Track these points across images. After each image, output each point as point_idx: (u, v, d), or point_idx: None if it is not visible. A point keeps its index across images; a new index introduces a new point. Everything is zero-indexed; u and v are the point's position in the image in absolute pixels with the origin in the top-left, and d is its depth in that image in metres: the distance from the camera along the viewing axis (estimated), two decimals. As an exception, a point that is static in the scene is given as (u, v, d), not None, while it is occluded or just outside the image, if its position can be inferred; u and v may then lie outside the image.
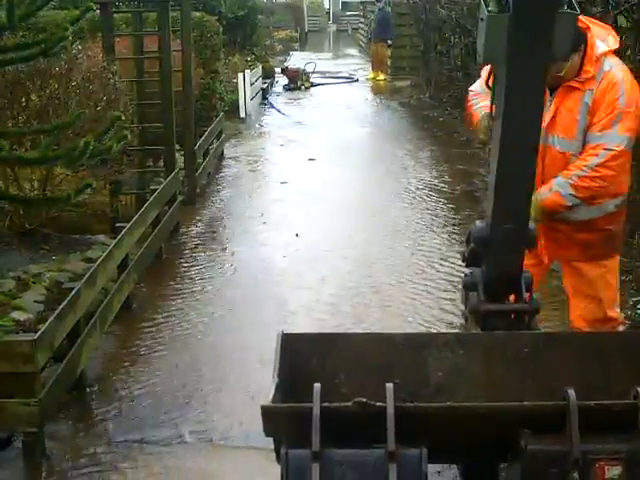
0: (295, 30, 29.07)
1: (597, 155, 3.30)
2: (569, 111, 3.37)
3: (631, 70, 5.74)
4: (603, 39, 3.42)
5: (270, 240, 6.97)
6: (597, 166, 3.31)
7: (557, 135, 3.41)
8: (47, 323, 3.79)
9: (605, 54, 3.36)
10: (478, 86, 3.73)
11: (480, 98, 3.64)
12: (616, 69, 3.36)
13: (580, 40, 3.28)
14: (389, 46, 18.17)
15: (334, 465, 2.22)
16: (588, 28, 3.39)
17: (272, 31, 25.29)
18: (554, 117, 3.40)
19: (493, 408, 2.33)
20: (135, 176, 7.51)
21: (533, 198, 3.16)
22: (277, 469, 2.31)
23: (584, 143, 3.36)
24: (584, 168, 3.33)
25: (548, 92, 3.35)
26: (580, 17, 3.32)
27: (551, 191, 3.39)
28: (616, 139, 3.30)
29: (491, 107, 2.70)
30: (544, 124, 3.33)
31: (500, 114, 2.55)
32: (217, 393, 4.30)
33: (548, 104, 3.36)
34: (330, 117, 13.63)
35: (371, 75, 18.52)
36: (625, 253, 5.84)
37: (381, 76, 18.15)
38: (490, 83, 2.69)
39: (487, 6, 2.45)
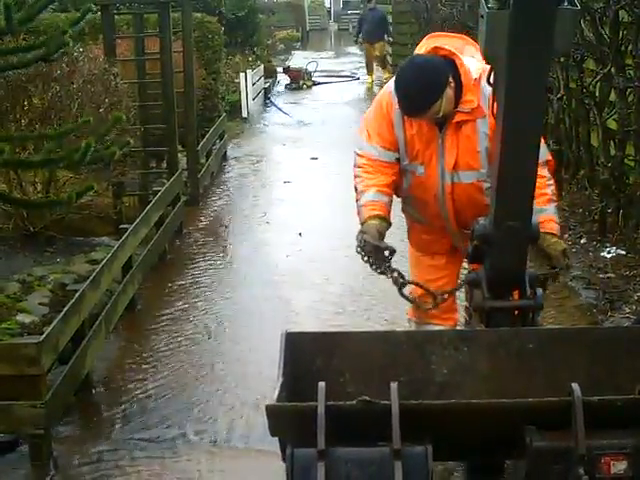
0: (296, 29, 29.08)
1: (545, 167, 3.17)
2: (468, 147, 3.18)
3: (634, 65, 5.75)
4: (470, 54, 3.21)
5: (274, 240, 6.97)
6: (549, 173, 3.23)
7: (462, 171, 3.21)
8: (52, 325, 3.80)
9: (480, 75, 3.11)
10: (374, 152, 3.28)
11: (367, 178, 3.27)
12: None
13: (446, 75, 3.07)
14: (389, 42, 17.88)
15: (339, 464, 2.23)
16: (453, 54, 3.16)
17: (273, 31, 25.30)
18: (455, 158, 3.20)
19: (498, 405, 2.33)
20: (138, 177, 7.52)
21: (560, 246, 3.10)
22: (282, 469, 2.31)
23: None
24: (548, 182, 3.21)
25: (437, 129, 3.20)
26: (439, 45, 3.16)
27: (557, 222, 3.22)
28: (542, 150, 3.06)
29: (492, 104, 2.69)
30: (445, 165, 3.20)
31: (501, 111, 2.54)
32: (222, 393, 4.30)
33: (439, 141, 3.19)
34: (332, 116, 13.63)
35: (370, 80, 17.48)
36: (629, 248, 5.84)
37: (386, 74, 17.48)
38: (491, 80, 2.68)
39: (487, 3, 2.44)
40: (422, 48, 3.29)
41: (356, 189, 3.34)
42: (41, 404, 3.56)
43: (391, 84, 3.26)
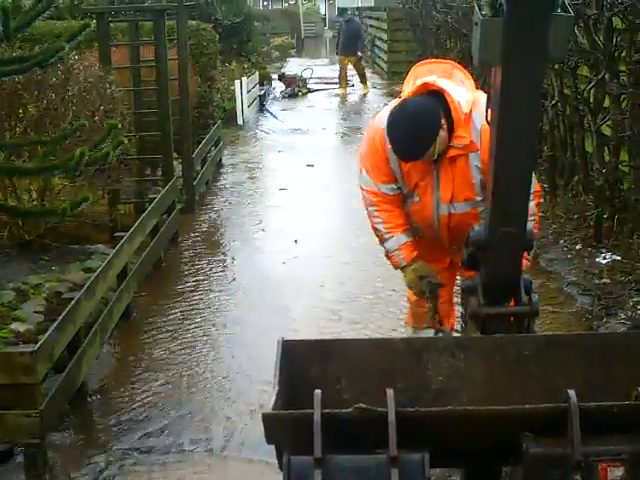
0: (291, 36, 29.14)
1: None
2: (463, 180, 3.24)
3: (628, 71, 5.77)
4: (459, 79, 3.23)
5: (269, 247, 6.97)
6: (535, 207, 3.26)
7: (458, 203, 3.28)
8: (47, 334, 3.78)
9: (471, 108, 3.14)
10: (377, 188, 3.36)
11: (388, 219, 3.36)
12: (484, 119, 2.80)
13: (438, 118, 3.10)
14: (360, 58, 17.36)
15: (336, 471, 2.22)
16: (442, 90, 3.16)
17: (268, 38, 25.36)
18: (452, 192, 3.26)
19: (494, 411, 2.32)
20: (133, 185, 7.52)
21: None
22: (278, 477, 2.30)
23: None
24: (530, 218, 3.07)
25: (433, 163, 3.24)
26: (428, 81, 3.16)
27: (528, 260, 3.17)
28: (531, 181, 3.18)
29: (487, 111, 2.69)
30: (440, 198, 3.27)
31: (496, 117, 2.54)
32: (218, 402, 4.29)
33: (434, 173, 3.26)
34: (327, 123, 13.66)
35: (340, 92, 17.09)
36: (624, 254, 5.85)
37: (365, 89, 17.22)
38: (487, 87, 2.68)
39: (481, 10, 2.45)
40: (410, 80, 3.31)
41: (377, 229, 3.40)
42: (36, 413, 3.54)
43: (382, 119, 3.26)
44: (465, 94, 3.18)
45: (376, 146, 3.32)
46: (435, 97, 3.16)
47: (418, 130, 3.09)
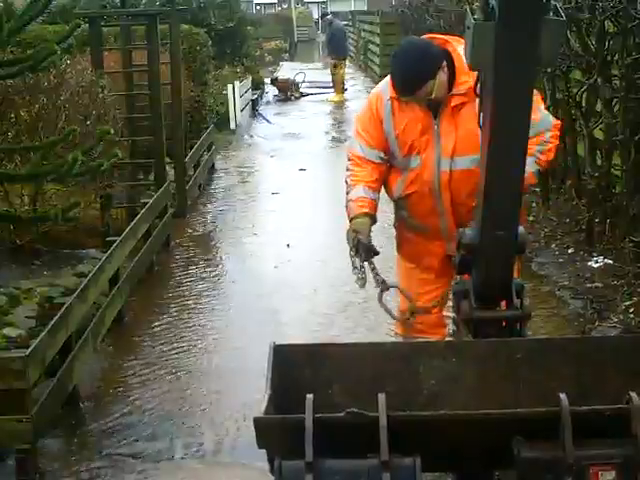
0: (284, 40, 29.18)
1: (548, 130, 3.24)
2: (468, 129, 3.14)
3: (620, 75, 5.79)
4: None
5: (262, 251, 6.96)
6: (551, 137, 3.26)
7: (460, 157, 3.21)
8: (38, 339, 3.77)
9: None
10: (359, 149, 3.38)
11: (356, 173, 3.36)
12: None
13: (440, 57, 3.15)
14: (337, 64, 17.15)
15: (328, 476, 2.21)
16: (446, 42, 3.24)
17: (261, 42, 25.38)
18: (454, 142, 3.21)
19: (486, 415, 2.32)
20: (126, 190, 7.51)
21: None
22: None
23: None
24: (542, 142, 3.20)
25: (432, 116, 3.23)
26: (432, 35, 3.32)
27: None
28: (548, 118, 3.28)
29: (478, 115, 2.69)
30: (442, 151, 3.22)
31: (487, 121, 2.55)
32: (209, 406, 4.28)
33: (435, 127, 3.23)
34: (320, 127, 13.67)
35: (337, 98, 16.80)
36: (616, 258, 5.86)
37: (336, 97, 16.81)
38: (477, 90, 2.68)
39: (473, 14, 2.45)
40: None
41: (346, 182, 3.43)
42: (27, 418, 3.53)
43: (382, 83, 3.34)
44: None
45: (372, 109, 3.34)
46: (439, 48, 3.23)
47: (417, 59, 3.13)
